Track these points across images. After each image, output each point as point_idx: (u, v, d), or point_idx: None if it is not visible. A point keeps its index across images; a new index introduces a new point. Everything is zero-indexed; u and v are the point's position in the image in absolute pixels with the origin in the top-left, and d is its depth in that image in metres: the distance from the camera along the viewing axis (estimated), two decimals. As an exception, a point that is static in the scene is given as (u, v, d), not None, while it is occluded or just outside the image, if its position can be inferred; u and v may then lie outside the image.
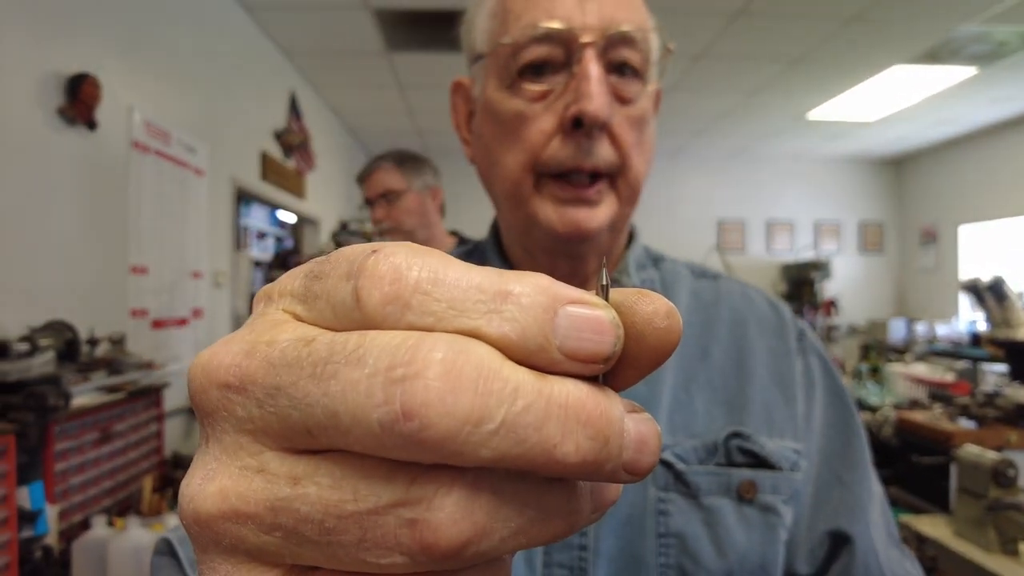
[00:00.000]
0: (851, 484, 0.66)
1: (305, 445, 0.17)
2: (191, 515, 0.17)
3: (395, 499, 0.16)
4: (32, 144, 1.89)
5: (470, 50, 0.67)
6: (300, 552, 0.17)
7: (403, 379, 0.15)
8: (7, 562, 1.51)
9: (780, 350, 0.69)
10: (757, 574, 0.59)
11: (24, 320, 1.78)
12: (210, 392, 0.18)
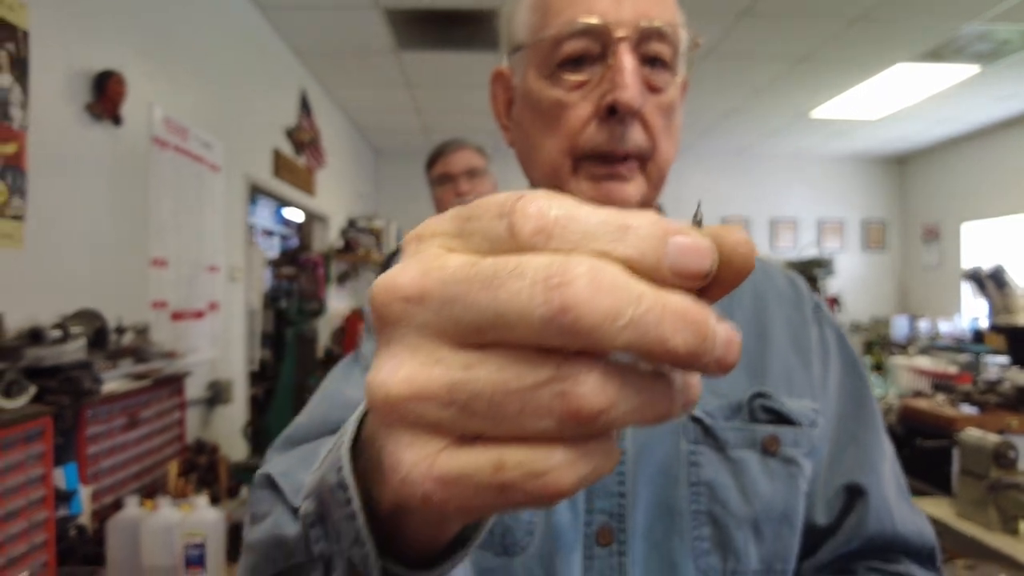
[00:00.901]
0: (864, 442, 0.72)
1: (473, 341, 0.21)
2: (382, 398, 0.22)
3: (549, 377, 0.20)
4: (62, 139, 1.95)
5: (510, 41, 0.71)
6: (469, 423, 0.21)
7: (559, 285, 0.19)
8: (45, 539, 1.56)
9: (797, 320, 0.74)
10: (780, 520, 0.64)
11: (56, 309, 1.84)
12: (393, 305, 0.22)
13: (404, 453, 0.22)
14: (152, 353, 2.07)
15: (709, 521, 0.62)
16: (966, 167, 6.40)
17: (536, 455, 0.21)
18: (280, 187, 3.77)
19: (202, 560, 1.62)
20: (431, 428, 0.21)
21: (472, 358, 0.21)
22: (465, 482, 0.21)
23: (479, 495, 0.21)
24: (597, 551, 0.61)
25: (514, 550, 0.61)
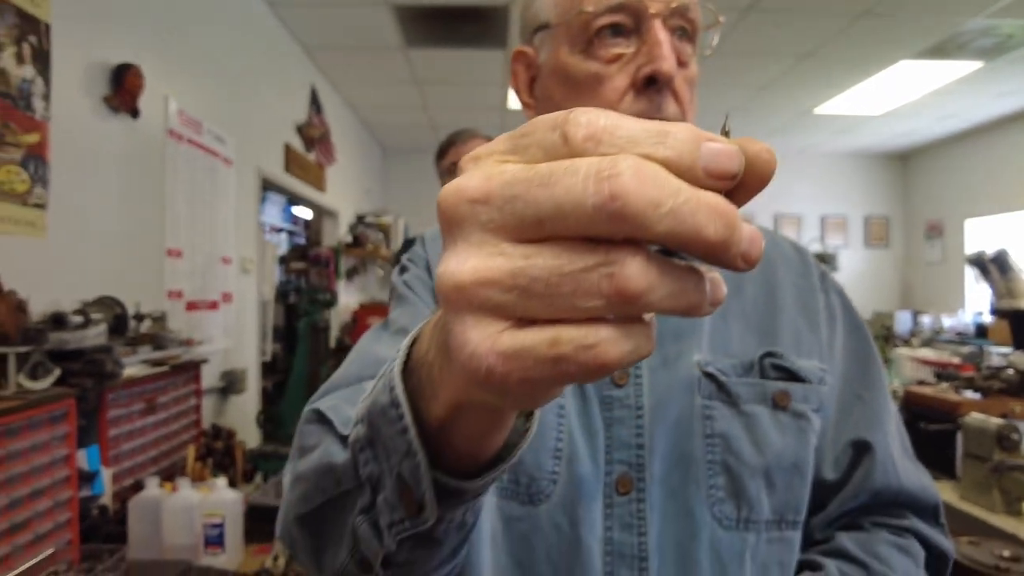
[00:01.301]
0: (870, 401, 0.75)
1: (532, 235, 0.24)
2: (452, 285, 0.24)
3: (598, 261, 0.23)
4: (81, 131, 1.99)
5: (533, 21, 0.75)
6: (528, 305, 0.24)
7: (609, 177, 0.22)
8: (69, 518, 1.61)
9: (804, 287, 0.78)
10: (791, 471, 0.68)
11: (77, 295, 1.88)
12: (461, 207, 0.25)
13: (471, 333, 0.24)
14: (169, 340, 2.11)
15: (723, 471, 0.66)
16: (969, 163, 6.41)
17: (586, 332, 0.23)
18: (291, 182, 3.81)
19: (221, 539, 1.66)
20: (494, 311, 0.24)
21: (531, 249, 0.24)
22: (524, 356, 0.24)
23: (537, 367, 0.24)
24: (617, 499, 0.65)
25: (538, 499, 0.65)
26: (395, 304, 0.76)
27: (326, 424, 0.51)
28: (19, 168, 1.73)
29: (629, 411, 0.67)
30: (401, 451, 0.36)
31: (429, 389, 0.34)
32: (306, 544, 0.51)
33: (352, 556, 0.46)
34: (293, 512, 0.51)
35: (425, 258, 0.78)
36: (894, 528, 0.73)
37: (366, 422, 0.39)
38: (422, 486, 0.36)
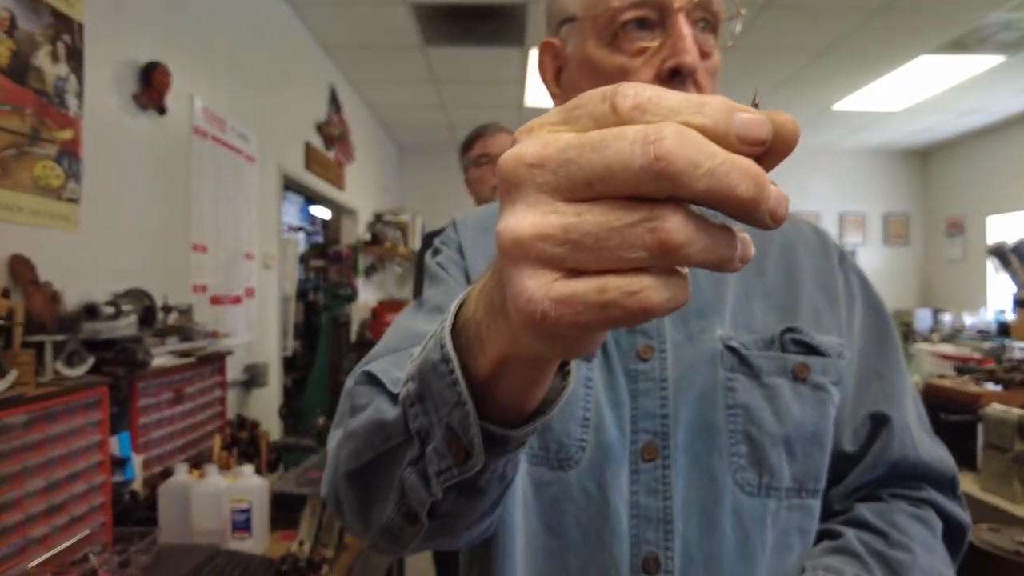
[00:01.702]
0: (887, 376, 0.77)
1: (583, 195, 0.26)
2: (511, 239, 0.27)
3: (643, 217, 0.25)
4: (111, 127, 2.04)
5: (560, 13, 0.77)
6: (579, 257, 0.26)
7: (655, 141, 0.24)
8: (102, 502, 1.65)
9: (824, 267, 0.80)
10: (810, 440, 0.70)
11: (108, 287, 1.94)
12: (519, 171, 0.27)
13: (528, 282, 0.27)
14: (196, 332, 2.16)
15: (745, 440, 0.68)
16: (991, 159, 6.34)
17: (631, 280, 0.26)
18: (311, 180, 3.87)
19: (248, 524, 1.70)
20: (549, 262, 0.27)
21: (582, 208, 0.26)
22: (575, 301, 0.26)
23: (586, 311, 0.26)
24: (642, 465, 0.68)
25: (567, 465, 0.68)
26: (429, 284, 0.79)
27: (377, 385, 0.53)
28: (54, 164, 1.79)
29: (654, 383, 0.69)
30: (451, 403, 0.39)
31: (477, 346, 0.37)
32: (354, 500, 0.54)
33: (399, 509, 0.49)
34: (343, 469, 0.54)
35: (457, 240, 0.81)
36: (912, 499, 0.75)
37: (417, 379, 0.42)
38: (470, 433, 0.39)
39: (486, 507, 0.49)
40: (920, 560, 0.68)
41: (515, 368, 0.36)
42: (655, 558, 0.66)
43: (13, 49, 1.65)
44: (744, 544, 0.67)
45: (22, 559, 1.41)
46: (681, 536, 0.66)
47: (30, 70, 1.71)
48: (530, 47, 4.18)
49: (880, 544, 0.69)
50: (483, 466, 0.41)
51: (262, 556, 1.64)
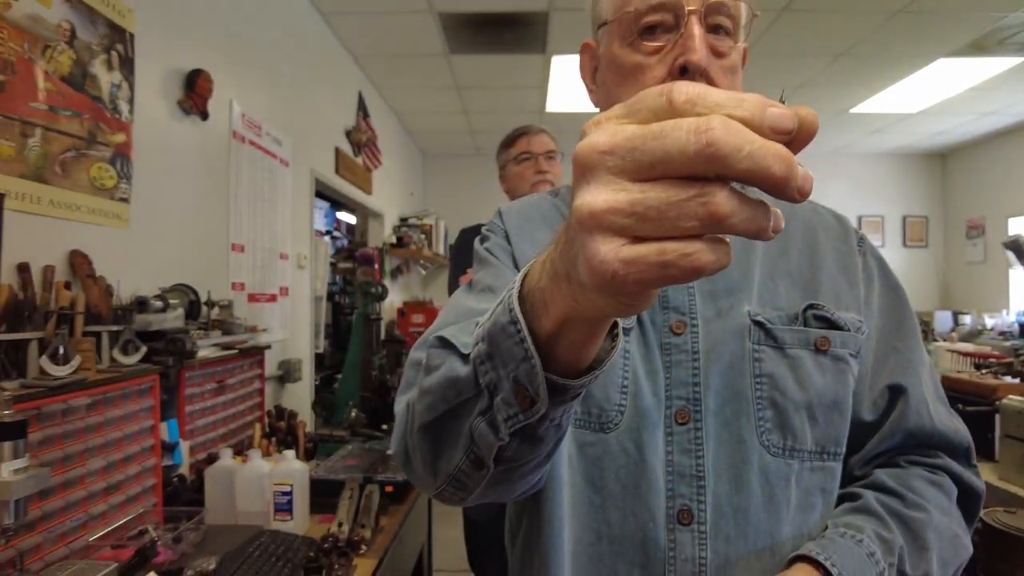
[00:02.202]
0: (904, 351, 0.83)
1: (646, 176, 0.31)
2: (587, 212, 0.32)
3: (696, 193, 0.30)
4: (158, 131, 2.15)
5: (597, 18, 0.85)
6: (642, 227, 0.31)
7: (706, 131, 0.29)
8: (153, 484, 1.75)
9: (844, 250, 0.86)
10: (831, 407, 0.76)
11: (155, 283, 2.04)
12: (593, 156, 0.32)
13: (601, 247, 0.33)
14: (237, 327, 2.26)
15: (771, 405, 0.75)
16: (1012, 161, 6.31)
17: (686, 245, 0.31)
18: (341, 184, 3.98)
19: (289, 506, 1.79)
20: (618, 232, 0.32)
21: (645, 186, 0.32)
22: (640, 262, 0.32)
23: (648, 270, 0.32)
24: (676, 428, 0.75)
25: (608, 427, 0.75)
26: (478, 267, 0.86)
27: (449, 347, 0.58)
28: (108, 165, 1.90)
29: (686, 355, 0.76)
30: (518, 358, 0.46)
31: (541, 309, 0.44)
32: (426, 451, 0.60)
33: (467, 456, 0.55)
34: (418, 422, 0.59)
35: (503, 228, 0.89)
36: (928, 466, 0.80)
37: (487, 340, 0.49)
38: (536, 382, 0.46)
39: (542, 456, 0.55)
40: (935, 519, 0.74)
41: (574, 327, 0.43)
42: (688, 510, 0.72)
43: (74, 58, 1.76)
44: (770, 500, 0.74)
45: (84, 533, 1.50)
46: (712, 491, 0.72)
47: (88, 77, 1.82)
48: (552, 54, 4.26)
49: (897, 504, 0.75)
50: (544, 414, 0.47)
51: (303, 536, 1.72)
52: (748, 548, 0.72)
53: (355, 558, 1.62)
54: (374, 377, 2.87)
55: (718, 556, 0.71)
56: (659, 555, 0.71)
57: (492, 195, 7.25)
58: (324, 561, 1.52)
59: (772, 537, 0.73)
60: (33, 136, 1.63)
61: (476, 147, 7.02)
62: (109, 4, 1.91)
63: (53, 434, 1.41)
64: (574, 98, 5.20)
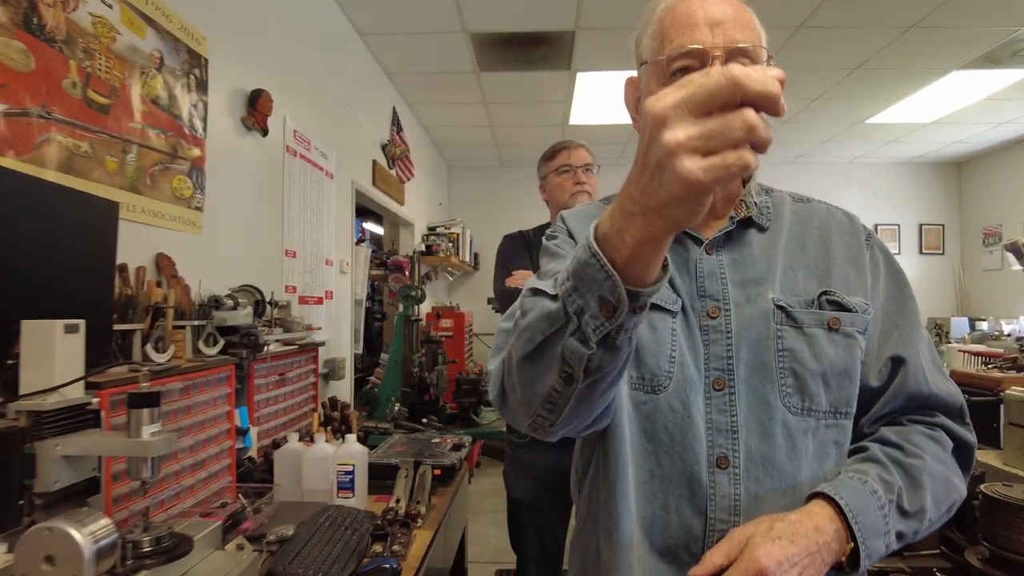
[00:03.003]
0: (904, 328, 0.98)
1: (702, 113, 0.50)
2: (673, 142, 0.50)
3: (736, 115, 0.49)
4: (226, 146, 2.37)
5: (639, 58, 1.01)
6: (709, 146, 0.50)
7: (727, 72, 0.50)
8: (228, 464, 1.95)
9: (854, 244, 1.02)
10: (842, 375, 0.92)
11: (223, 284, 2.24)
12: (666, 110, 0.51)
13: (687, 164, 0.50)
14: (295, 325, 2.46)
15: (791, 374, 0.90)
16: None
17: (738, 152, 0.49)
18: (377, 195, 4.19)
19: (351, 485, 1.97)
20: (696, 151, 0.50)
21: (706, 119, 0.50)
22: (714, 168, 0.49)
23: (720, 172, 0.49)
24: (714, 393, 0.91)
25: (659, 390, 0.92)
26: (546, 260, 1.03)
27: (539, 293, 0.71)
28: (186, 177, 2.11)
29: (721, 335, 0.93)
30: (601, 280, 0.62)
31: (617, 242, 0.60)
32: (524, 381, 0.74)
33: (560, 375, 0.69)
34: (516, 358, 0.74)
35: (567, 228, 1.07)
36: (927, 423, 0.95)
37: (572, 277, 0.65)
38: (618, 291, 0.61)
39: (619, 365, 0.70)
40: (929, 465, 0.89)
41: (644, 250, 0.59)
42: (725, 457, 0.89)
43: (162, 82, 1.98)
44: (792, 449, 0.90)
45: (177, 502, 1.70)
46: (744, 442, 0.89)
47: (172, 99, 2.03)
48: (576, 71, 4.46)
49: (898, 454, 0.90)
50: (621, 323, 0.63)
51: (365, 510, 1.91)
52: (773, 487, 0.88)
53: (413, 529, 1.80)
54: (414, 374, 3.06)
55: (749, 494, 0.87)
56: (702, 491, 0.88)
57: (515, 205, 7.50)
58: (389, 530, 1.70)
59: (793, 479, 0.89)
60: (131, 152, 1.84)
61: (500, 159, 7.23)
62: (189, 33, 2.13)
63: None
64: (596, 112, 5.40)
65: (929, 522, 0.87)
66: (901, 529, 0.83)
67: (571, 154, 2.33)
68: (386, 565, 1.51)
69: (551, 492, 2.17)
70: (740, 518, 0.86)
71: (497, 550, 3.87)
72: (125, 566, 1.11)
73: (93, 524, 1.03)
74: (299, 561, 1.48)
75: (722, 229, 0.98)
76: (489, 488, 5.18)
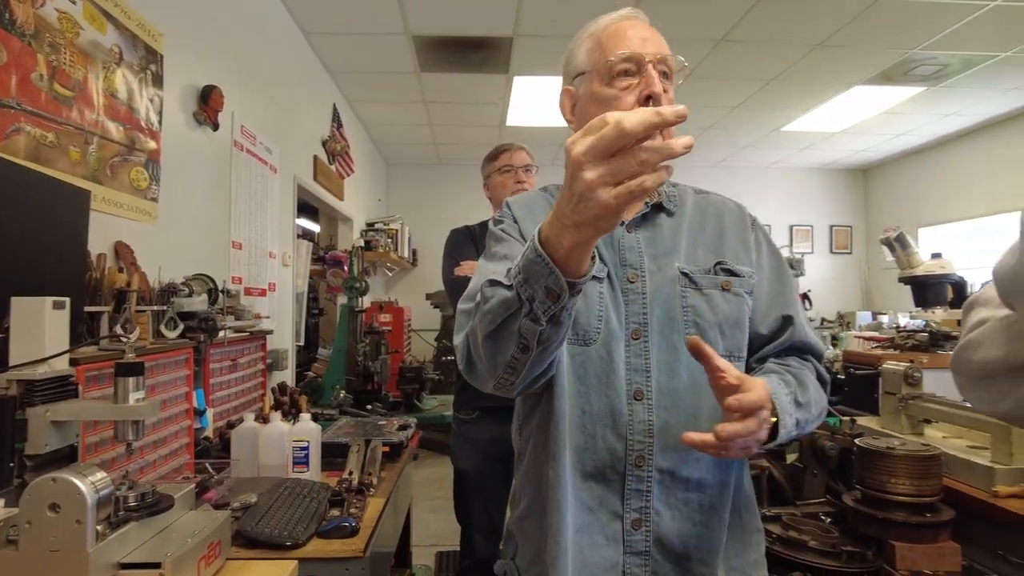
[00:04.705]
0: (786, 294, 1.22)
1: (607, 155, 0.65)
2: (588, 181, 0.68)
3: (632, 154, 0.67)
4: (181, 141, 2.45)
5: (573, 71, 1.21)
6: (615, 178, 0.65)
7: (618, 122, 0.66)
8: (187, 443, 2.05)
9: (742, 228, 1.25)
10: (734, 325, 1.13)
11: (176, 272, 2.33)
12: (579, 157, 0.67)
13: (601, 194, 0.66)
14: (246, 313, 2.56)
15: (694, 325, 1.12)
16: (922, 176, 7.04)
17: (638, 179, 0.65)
18: (318, 190, 4.28)
19: (306, 460, 2.10)
20: (606, 184, 0.66)
21: (612, 159, 0.65)
22: (621, 194, 0.65)
23: (626, 197, 0.65)
24: (632, 342, 1.11)
25: (589, 342, 1.11)
26: (493, 243, 1.22)
27: (497, 284, 0.87)
28: (143, 169, 2.19)
29: (638, 296, 1.14)
30: (546, 274, 0.81)
31: (557, 245, 0.79)
32: (489, 352, 0.92)
33: (517, 346, 0.88)
34: (481, 335, 0.91)
35: (511, 214, 1.25)
36: (800, 359, 1.20)
37: (523, 271, 0.83)
38: (560, 283, 0.81)
39: (561, 336, 0.90)
40: (807, 376, 1.12)
41: (577, 251, 0.78)
42: (641, 391, 1.09)
43: (121, 77, 2.06)
44: (694, 384, 1.09)
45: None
46: (655, 379, 1.10)
47: (130, 93, 2.11)
48: (514, 74, 4.67)
49: (787, 369, 1.12)
50: (564, 304, 0.84)
51: (321, 482, 2.04)
52: (679, 415, 1.09)
53: (367, 496, 1.95)
54: (359, 363, 3.19)
55: (660, 420, 1.08)
56: (623, 420, 1.08)
57: (453, 202, 7.65)
58: (345, 496, 1.85)
59: (696, 408, 1.09)
60: (92, 144, 1.92)
61: (439, 157, 7.37)
62: (146, 29, 2.21)
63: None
64: (532, 114, 5.62)
65: (812, 416, 1.09)
66: (797, 417, 1.04)
67: (512, 155, 2.52)
68: (345, 524, 1.66)
69: (496, 463, 2.36)
70: (654, 439, 1.07)
71: (436, 534, 4.04)
72: (117, 516, 1.23)
73: (92, 476, 1.15)
74: (265, 522, 1.62)
75: (639, 212, 1.19)
76: (427, 477, 5.33)
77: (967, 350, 0.84)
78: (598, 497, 1.08)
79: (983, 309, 0.86)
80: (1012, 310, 0.74)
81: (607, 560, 1.06)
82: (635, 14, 1.16)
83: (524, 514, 1.17)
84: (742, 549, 1.13)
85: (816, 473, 1.96)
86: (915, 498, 1.67)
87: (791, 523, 1.75)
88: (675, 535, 1.07)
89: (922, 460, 1.68)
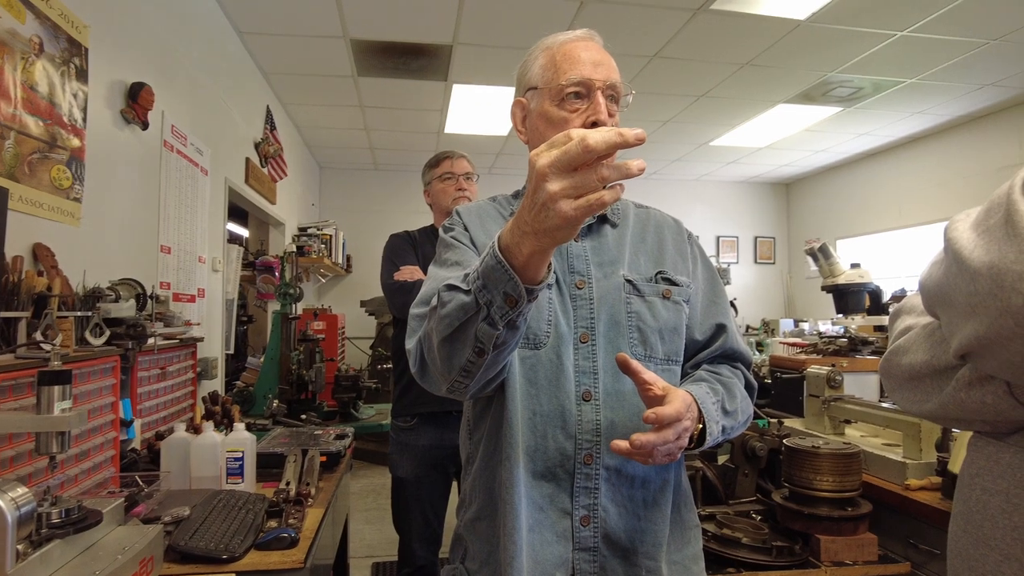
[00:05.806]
0: (720, 304, 1.29)
1: (570, 169, 0.72)
2: (551, 192, 0.72)
3: (593, 170, 0.72)
4: (107, 139, 2.34)
5: (527, 83, 1.24)
6: (576, 191, 0.71)
7: (582, 139, 0.71)
8: (112, 455, 1.95)
9: (680, 240, 1.31)
10: (673, 331, 1.18)
11: (101, 276, 2.22)
12: (544, 169, 0.72)
13: (562, 206, 0.72)
14: (175, 320, 2.46)
15: (637, 331, 1.17)
16: (840, 191, 7.46)
17: (597, 194, 0.71)
18: (250, 193, 4.16)
19: (241, 471, 2.04)
20: (567, 196, 0.71)
21: (574, 174, 0.71)
22: (581, 207, 0.71)
23: (585, 209, 0.71)
24: (580, 345, 1.15)
25: (539, 345, 1.14)
26: (443, 250, 1.23)
27: (455, 288, 0.89)
28: (65, 167, 2.09)
29: (586, 301, 1.17)
30: (505, 280, 0.84)
31: (516, 252, 0.82)
32: (444, 356, 0.93)
33: (473, 350, 0.90)
34: (438, 338, 0.93)
35: (462, 222, 1.27)
36: (731, 367, 1.26)
37: (482, 276, 0.85)
38: (518, 289, 0.83)
39: (516, 340, 0.93)
40: (735, 384, 1.19)
41: (534, 259, 0.81)
42: (589, 392, 1.12)
43: (41, 69, 1.96)
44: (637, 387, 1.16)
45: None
46: (602, 381, 1.13)
47: (51, 87, 2.01)
48: (453, 82, 4.68)
49: (717, 377, 1.19)
50: (520, 311, 0.86)
51: (257, 493, 1.99)
52: (624, 415, 1.13)
53: (306, 507, 1.91)
54: (292, 371, 3.12)
55: (606, 419, 1.12)
56: (572, 420, 1.11)
57: (389, 208, 7.56)
58: (283, 507, 1.81)
59: (639, 409, 1.12)
60: (8, 138, 1.82)
61: (375, 163, 7.29)
62: (69, 20, 2.11)
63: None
64: (470, 122, 5.64)
65: (738, 423, 1.16)
66: (724, 424, 1.10)
67: (454, 163, 2.54)
68: (284, 534, 1.63)
69: (433, 469, 2.35)
70: (601, 439, 1.10)
71: (371, 545, 3.98)
72: (40, 535, 1.16)
73: (12, 492, 1.09)
74: (199, 536, 1.57)
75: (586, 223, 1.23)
76: (362, 489, 5.24)
77: (895, 355, 0.90)
78: (548, 496, 1.10)
79: (908, 317, 0.93)
80: (935, 318, 0.81)
81: (558, 557, 1.08)
82: (590, 35, 1.20)
83: (476, 516, 1.17)
84: (682, 543, 1.17)
85: (747, 473, 2.04)
86: (838, 493, 1.76)
87: (725, 521, 1.82)
88: (622, 530, 1.10)
89: (844, 458, 1.78)
